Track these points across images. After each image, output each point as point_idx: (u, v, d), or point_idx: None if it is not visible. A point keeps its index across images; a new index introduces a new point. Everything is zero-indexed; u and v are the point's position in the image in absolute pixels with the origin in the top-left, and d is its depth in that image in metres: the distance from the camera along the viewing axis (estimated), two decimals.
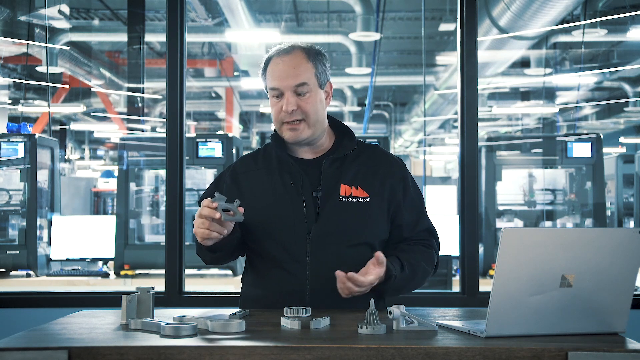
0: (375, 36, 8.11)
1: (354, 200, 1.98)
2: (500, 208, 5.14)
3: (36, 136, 4.86)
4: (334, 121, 2.13)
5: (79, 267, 4.87)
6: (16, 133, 4.89)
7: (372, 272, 1.85)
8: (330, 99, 2.09)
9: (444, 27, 8.98)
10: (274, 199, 1.99)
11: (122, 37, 8.58)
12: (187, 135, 3.92)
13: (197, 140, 4.98)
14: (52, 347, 1.47)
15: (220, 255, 2.00)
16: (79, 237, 4.84)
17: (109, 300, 3.34)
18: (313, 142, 2.05)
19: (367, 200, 1.99)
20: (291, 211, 1.97)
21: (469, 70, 3.27)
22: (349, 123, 14.17)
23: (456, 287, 3.91)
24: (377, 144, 5.08)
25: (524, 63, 10.49)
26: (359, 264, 1.92)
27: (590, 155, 5.02)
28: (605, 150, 5.61)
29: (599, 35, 7.69)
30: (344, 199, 1.98)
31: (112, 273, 4.81)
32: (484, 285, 3.18)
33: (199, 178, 5.26)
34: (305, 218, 1.96)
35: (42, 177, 4.96)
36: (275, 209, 1.99)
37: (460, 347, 1.46)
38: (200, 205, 2.14)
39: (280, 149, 2.05)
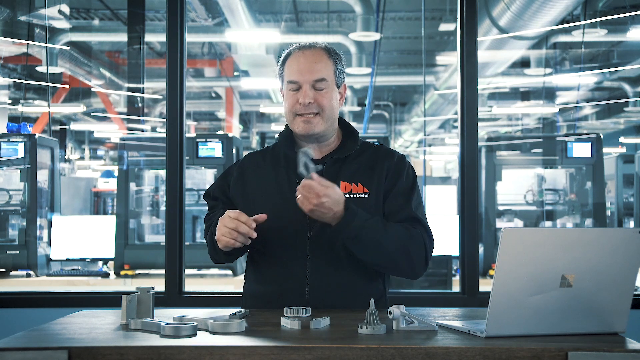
0: (375, 36, 8.11)
1: (354, 196, 1.98)
2: (500, 208, 5.14)
3: (36, 136, 4.86)
4: (343, 122, 2.14)
5: (79, 267, 4.86)
6: (16, 133, 4.89)
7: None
8: (343, 101, 2.10)
9: (444, 27, 8.97)
10: (279, 196, 2.00)
11: (122, 37, 8.57)
12: (187, 135, 3.91)
13: (197, 140, 4.97)
14: (52, 347, 1.47)
15: (235, 256, 2.03)
16: (79, 237, 4.84)
17: (109, 300, 3.34)
18: (323, 139, 2.06)
19: (367, 195, 2.00)
20: (294, 208, 1.97)
21: (469, 70, 3.27)
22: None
23: (456, 287, 3.91)
24: (376, 144, 5.09)
25: (524, 63, 10.49)
26: (358, 261, 1.94)
27: (590, 155, 5.02)
28: (605, 150, 5.60)
29: (599, 35, 7.68)
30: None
31: (112, 273, 4.81)
32: (484, 285, 3.18)
33: (199, 178, 5.26)
34: (307, 216, 1.96)
35: (42, 177, 4.96)
36: (279, 206, 1.99)
37: (460, 347, 1.46)
38: (206, 201, 2.15)
39: (288, 147, 2.06)
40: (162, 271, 3.34)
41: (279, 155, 2.09)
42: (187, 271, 3.94)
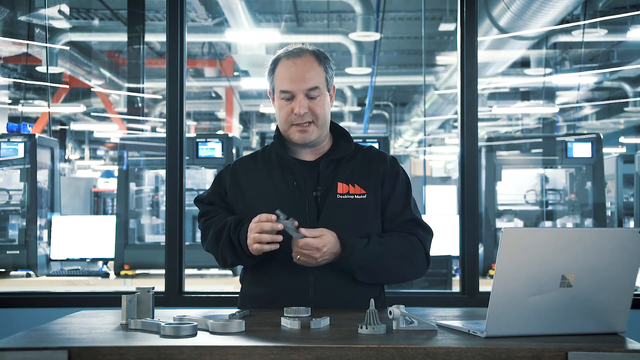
0: (375, 36, 8.11)
1: (352, 197, 2.01)
2: (500, 208, 5.14)
3: (36, 136, 4.86)
4: (333, 124, 2.16)
5: (79, 267, 4.86)
6: (16, 133, 4.89)
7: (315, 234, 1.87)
8: (333, 101, 2.12)
9: (444, 27, 8.97)
10: (277, 198, 2.00)
11: (122, 37, 8.58)
12: (187, 135, 3.92)
13: (197, 140, 4.97)
14: (52, 347, 1.47)
15: (259, 260, 2.00)
16: (79, 237, 4.84)
17: (109, 300, 3.34)
18: (317, 144, 2.08)
19: (364, 196, 2.02)
20: (294, 210, 1.97)
21: (469, 70, 3.27)
22: (349, 123, 14.19)
23: (456, 287, 3.91)
24: (377, 144, 5.10)
25: (524, 63, 10.48)
26: None
27: (590, 155, 5.02)
28: (605, 150, 5.60)
29: (599, 35, 7.68)
30: (341, 197, 2.01)
31: (112, 273, 4.81)
32: (484, 285, 3.18)
33: (199, 178, 5.26)
34: (307, 217, 1.97)
35: (42, 177, 4.96)
36: (278, 208, 1.99)
37: (460, 347, 1.47)
38: (198, 206, 2.15)
39: (283, 150, 2.07)
40: (162, 271, 3.34)
41: (270, 157, 2.10)
42: (187, 271, 3.94)
